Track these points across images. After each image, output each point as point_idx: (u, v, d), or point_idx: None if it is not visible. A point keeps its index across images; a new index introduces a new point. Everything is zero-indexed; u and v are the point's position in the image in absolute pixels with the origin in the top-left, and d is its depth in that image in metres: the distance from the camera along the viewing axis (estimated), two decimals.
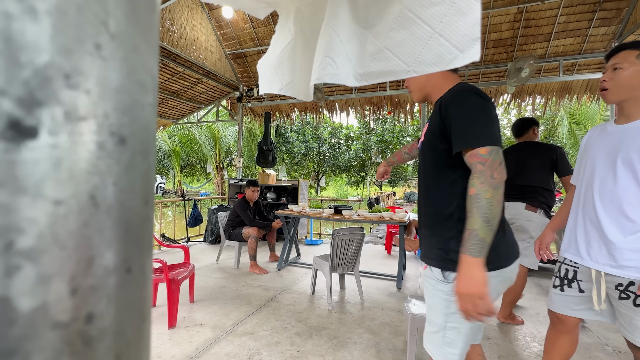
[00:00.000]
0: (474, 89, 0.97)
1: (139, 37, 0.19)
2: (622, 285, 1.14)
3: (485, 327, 2.34)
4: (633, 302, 1.11)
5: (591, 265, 1.22)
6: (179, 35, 4.19)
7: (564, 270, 1.34)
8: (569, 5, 3.76)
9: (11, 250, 0.14)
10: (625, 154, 1.14)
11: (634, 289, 1.11)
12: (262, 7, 1.29)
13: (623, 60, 1.11)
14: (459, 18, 0.75)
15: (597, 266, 1.20)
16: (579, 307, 1.30)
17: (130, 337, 0.19)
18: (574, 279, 1.30)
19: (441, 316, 1.00)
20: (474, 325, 0.99)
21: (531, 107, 5.04)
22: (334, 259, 2.66)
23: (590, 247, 1.22)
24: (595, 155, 1.27)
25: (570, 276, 1.31)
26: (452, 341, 0.99)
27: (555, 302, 1.36)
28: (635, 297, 1.11)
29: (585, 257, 1.24)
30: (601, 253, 1.19)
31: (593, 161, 1.26)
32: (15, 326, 0.14)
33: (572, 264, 1.31)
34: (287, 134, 18.03)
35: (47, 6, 0.15)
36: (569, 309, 1.32)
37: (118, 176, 0.18)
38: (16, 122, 0.14)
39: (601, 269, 1.18)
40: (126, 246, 0.18)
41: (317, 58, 1.00)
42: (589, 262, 1.23)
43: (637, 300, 1.11)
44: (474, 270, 0.83)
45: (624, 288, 1.13)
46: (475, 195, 0.85)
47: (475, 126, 0.90)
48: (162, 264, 2.25)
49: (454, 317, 0.98)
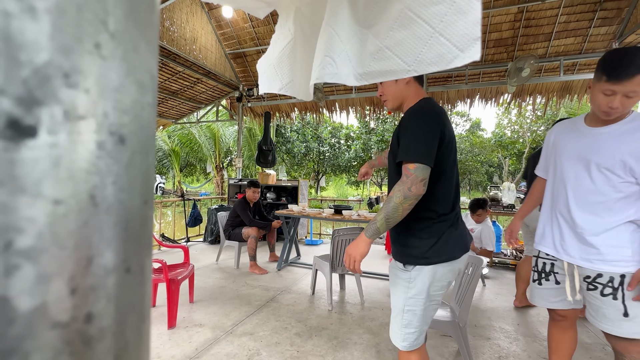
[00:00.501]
0: (427, 110, 1.11)
1: (139, 36, 0.19)
2: (589, 277, 1.25)
3: (485, 327, 2.34)
4: (600, 293, 1.21)
5: (565, 258, 1.31)
6: (179, 34, 4.19)
7: (542, 263, 1.42)
8: (570, 5, 3.75)
9: (10, 250, 0.14)
10: (600, 159, 1.20)
11: (602, 280, 1.21)
12: (262, 6, 1.29)
13: (638, 86, 1.08)
14: (459, 17, 0.75)
15: (570, 259, 1.29)
16: (555, 299, 1.38)
17: (130, 337, 0.19)
18: (550, 272, 1.38)
19: (401, 300, 1.18)
20: (426, 309, 1.16)
21: (532, 107, 5.04)
22: (334, 259, 2.66)
23: (564, 241, 1.31)
24: (567, 153, 1.32)
25: (547, 269, 1.40)
26: (410, 322, 1.17)
27: (535, 295, 1.45)
28: (602, 288, 1.21)
29: (560, 250, 1.33)
30: (574, 247, 1.28)
31: (565, 159, 1.32)
32: (15, 326, 0.14)
33: (548, 257, 1.39)
34: (287, 134, 18.03)
35: (46, 5, 0.15)
36: (547, 301, 1.40)
37: (117, 176, 0.18)
38: (15, 121, 0.14)
39: (574, 262, 1.28)
40: (126, 246, 0.18)
41: (317, 57, 1.00)
42: (563, 256, 1.32)
43: (605, 291, 1.20)
44: (361, 243, 1.12)
45: (592, 280, 1.24)
46: (390, 197, 1.06)
47: (412, 143, 1.06)
48: (161, 264, 2.25)
49: (411, 301, 1.15)
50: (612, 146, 1.18)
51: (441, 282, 1.15)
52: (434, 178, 1.09)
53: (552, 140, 1.42)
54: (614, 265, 1.18)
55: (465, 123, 21.36)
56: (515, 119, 18.47)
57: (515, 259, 4.02)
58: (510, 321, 2.45)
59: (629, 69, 1.07)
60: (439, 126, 1.07)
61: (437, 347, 2.02)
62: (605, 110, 1.16)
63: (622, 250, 1.18)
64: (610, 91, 1.12)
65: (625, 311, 1.17)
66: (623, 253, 1.18)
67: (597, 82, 1.16)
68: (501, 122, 20.24)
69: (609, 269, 1.19)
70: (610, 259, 1.19)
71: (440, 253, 1.11)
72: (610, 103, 1.13)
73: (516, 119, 18.41)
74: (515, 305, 2.72)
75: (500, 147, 19.89)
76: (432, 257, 1.12)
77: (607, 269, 1.19)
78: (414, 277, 1.14)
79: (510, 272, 3.82)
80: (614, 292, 1.19)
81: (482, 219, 3.20)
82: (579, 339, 2.11)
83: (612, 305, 1.19)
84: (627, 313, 1.17)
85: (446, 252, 1.12)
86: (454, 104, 5.14)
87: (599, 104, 1.17)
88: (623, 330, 1.18)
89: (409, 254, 1.15)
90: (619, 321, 1.18)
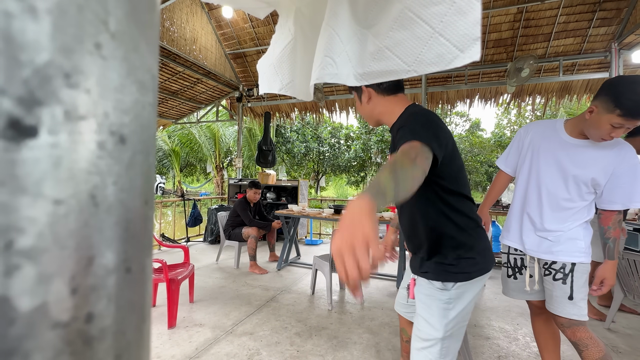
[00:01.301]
0: (423, 110, 1.02)
1: (139, 36, 0.19)
2: (547, 264, 1.39)
3: (485, 326, 2.34)
4: (553, 277, 1.37)
5: (528, 252, 1.45)
6: (179, 35, 4.19)
7: (513, 259, 1.52)
8: (569, 5, 3.76)
9: (11, 250, 0.14)
10: (579, 173, 1.29)
11: (555, 266, 1.36)
12: (262, 6, 1.29)
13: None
14: (459, 18, 0.75)
15: (532, 253, 1.43)
16: (532, 291, 1.48)
17: (130, 337, 0.19)
18: (522, 266, 1.50)
19: (439, 326, 0.99)
20: (461, 330, 1.02)
21: (531, 107, 5.04)
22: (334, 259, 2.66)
23: (527, 237, 1.44)
24: (545, 159, 1.38)
25: (519, 264, 1.51)
26: (448, 349, 1.00)
27: (511, 289, 1.54)
28: (555, 273, 1.36)
29: (527, 247, 1.44)
30: (534, 243, 1.41)
31: (544, 164, 1.38)
32: (15, 326, 0.14)
33: (518, 253, 1.50)
34: (287, 134, 18.02)
35: (47, 5, 0.15)
36: (525, 294, 1.50)
37: (118, 176, 0.18)
38: (16, 121, 0.14)
39: (535, 255, 1.42)
40: (126, 246, 0.18)
41: (317, 58, 1.00)
42: (527, 251, 1.45)
43: (557, 276, 1.35)
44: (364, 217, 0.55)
45: (548, 266, 1.38)
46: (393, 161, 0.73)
47: (417, 126, 0.90)
48: (162, 264, 2.25)
49: (451, 324, 0.99)
50: (590, 162, 1.28)
51: (475, 298, 1.02)
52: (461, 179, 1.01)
53: (528, 140, 1.45)
54: (569, 256, 1.34)
55: (464, 123, 21.36)
56: (515, 119, 18.49)
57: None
58: (509, 321, 2.45)
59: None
60: (443, 124, 0.97)
61: None
62: (606, 138, 1.19)
63: (577, 242, 1.33)
64: (620, 124, 1.12)
65: (570, 294, 1.32)
66: (577, 245, 1.33)
67: (607, 113, 1.13)
68: (501, 122, 20.25)
69: (564, 259, 1.34)
70: (567, 250, 1.34)
71: (475, 262, 0.99)
72: (614, 133, 1.15)
73: (516, 119, 18.42)
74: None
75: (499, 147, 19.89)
76: (472, 271, 0.99)
77: (563, 259, 1.34)
78: (456, 296, 0.98)
79: None
80: (564, 277, 1.34)
81: None
82: None
83: (560, 288, 1.34)
84: (572, 297, 1.32)
85: (484, 262, 1.01)
86: (453, 104, 5.14)
87: (603, 132, 1.17)
88: (566, 312, 1.32)
89: (449, 270, 1.00)
90: (564, 304, 1.33)
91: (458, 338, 1.02)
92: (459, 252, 1.00)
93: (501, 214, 4.30)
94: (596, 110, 1.18)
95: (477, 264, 1.00)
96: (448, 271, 1.00)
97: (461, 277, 0.99)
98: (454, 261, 0.99)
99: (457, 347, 1.03)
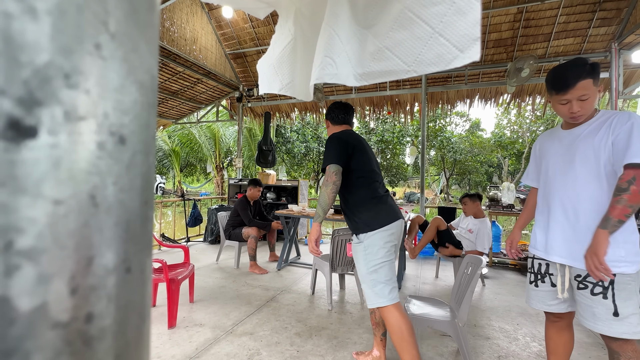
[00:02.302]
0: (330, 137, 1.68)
1: (139, 36, 0.19)
2: (580, 276, 1.26)
3: (485, 326, 2.34)
4: (590, 292, 1.23)
5: (556, 260, 1.34)
6: (179, 35, 4.19)
7: (537, 264, 1.44)
8: (569, 5, 3.76)
9: (11, 250, 0.14)
10: (580, 154, 1.29)
11: (592, 279, 1.22)
12: (262, 7, 1.29)
13: (585, 90, 1.24)
14: (459, 18, 0.75)
15: (561, 259, 1.32)
16: (552, 302, 1.39)
17: (130, 337, 0.19)
18: (546, 273, 1.40)
19: (363, 266, 1.58)
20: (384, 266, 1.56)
21: (531, 107, 5.04)
22: (333, 259, 2.66)
23: (554, 242, 1.35)
24: (552, 157, 1.41)
25: (542, 270, 1.42)
26: (376, 280, 1.56)
27: (532, 298, 1.46)
28: (592, 287, 1.23)
29: (550, 252, 1.36)
30: (563, 248, 1.31)
31: (551, 161, 1.41)
32: (15, 326, 0.14)
33: (542, 258, 1.41)
34: (287, 134, 18.02)
35: (47, 6, 0.15)
36: (544, 304, 1.41)
37: (118, 176, 0.18)
38: (16, 122, 0.14)
39: (565, 262, 1.31)
40: (126, 246, 0.18)
41: (317, 58, 1.00)
42: (553, 257, 1.35)
43: (595, 290, 1.22)
44: (314, 227, 1.64)
45: (582, 279, 1.26)
46: (319, 190, 1.65)
47: (326, 154, 1.63)
48: (162, 264, 2.25)
49: (370, 263, 1.56)
50: (587, 142, 1.28)
51: (387, 243, 1.58)
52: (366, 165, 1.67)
53: (537, 149, 1.52)
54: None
55: (464, 123, 21.33)
56: (515, 119, 18.48)
57: (514, 259, 4.02)
58: (509, 321, 2.45)
59: (568, 80, 1.24)
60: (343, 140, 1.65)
61: (436, 347, 2.02)
62: (569, 116, 1.31)
63: (615, 251, 1.18)
64: (565, 100, 1.28)
65: (615, 310, 1.17)
66: (616, 253, 1.18)
67: (552, 97, 1.33)
68: (501, 122, 20.23)
69: None
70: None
71: (370, 224, 1.58)
72: (569, 110, 1.29)
73: (515, 119, 18.41)
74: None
75: (499, 147, 19.88)
76: (372, 224, 1.58)
77: None
78: (367, 244, 1.57)
79: (510, 272, 3.82)
80: (604, 291, 1.19)
81: (470, 212, 3.20)
82: (579, 338, 2.11)
83: (602, 304, 1.19)
84: (617, 312, 1.17)
85: (376, 222, 1.58)
86: (453, 104, 5.14)
87: (562, 113, 1.33)
88: (613, 330, 1.17)
89: (357, 227, 1.62)
90: (609, 321, 1.18)
91: (384, 272, 1.55)
92: (359, 215, 1.62)
93: (501, 214, 4.30)
94: (550, 101, 1.37)
95: (374, 220, 1.58)
96: (357, 228, 1.63)
97: (366, 229, 1.58)
98: (358, 220, 1.62)
99: (386, 278, 1.55)
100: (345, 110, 1.82)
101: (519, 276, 3.68)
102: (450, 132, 19.43)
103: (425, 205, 4.82)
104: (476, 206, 3.17)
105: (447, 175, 20.65)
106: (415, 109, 5.42)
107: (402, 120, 5.49)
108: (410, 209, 4.66)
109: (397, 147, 19.30)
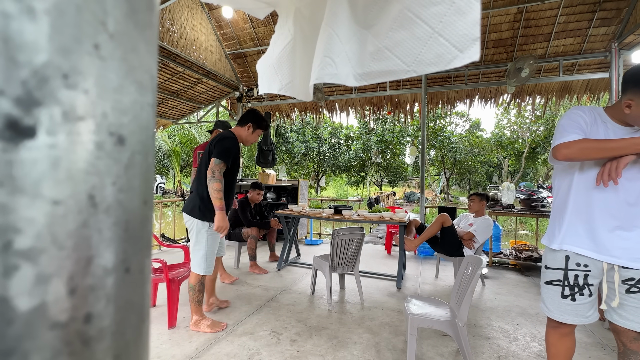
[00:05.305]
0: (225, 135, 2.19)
1: (138, 36, 0.19)
2: (633, 280, 1.15)
3: (485, 326, 2.34)
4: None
5: (604, 259, 1.20)
6: (179, 35, 4.19)
7: (573, 276, 1.27)
8: (569, 5, 3.76)
9: (9, 250, 0.14)
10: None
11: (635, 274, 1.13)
12: (262, 7, 1.29)
13: None
14: (458, 18, 0.75)
15: (612, 259, 1.18)
16: (589, 313, 1.27)
17: (129, 337, 0.19)
18: (585, 285, 1.25)
19: (194, 241, 2.14)
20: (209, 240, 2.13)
21: (531, 107, 5.05)
22: (333, 259, 2.66)
23: (604, 239, 1.20)
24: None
25: (581, 282, 1.25)
26: (198, 251, 2.13)
27: (566, 313, 1.28)
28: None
29: (602, 251, 1.21)
30: (615, 246, 1.18)
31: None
32: (14, 326, 0.14)
33: (582, 269, 1.25)
34: (287, 134, 18.03)
35: (45, 6, 0.15)
36: (582, 317, 1.27)
37: (117, 176, 0.18)
38: (14, 122, 0.14)
39: (618, 263, 1.17)
40: (125, 246, 0.18)
41: (316, 58, 1.00)
42: (600, 256, 1.20)
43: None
44: (218, 214, 2.09)
45: (635, 282, 1.15)
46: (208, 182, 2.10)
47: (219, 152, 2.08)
48: (162, 264, 2.25)
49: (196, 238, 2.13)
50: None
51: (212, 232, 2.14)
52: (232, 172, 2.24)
53: (584, 123, 1.27)
54: None
55: (464, 123, 21.34)
56: (515, 119, 18.48)
57: (514, 259, 4.02)
58: (509, 321, 2.45)
59: None
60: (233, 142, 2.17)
61: (436, 347, 2.02)
62: None
63: None
64: None
65: None
66: None
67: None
68: (500, 122, 20.24)
69: None
70: None
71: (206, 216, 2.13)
72: None
73: (515, 119, 18.42)
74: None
75: (499, 147, 19.89)
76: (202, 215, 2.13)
77: None
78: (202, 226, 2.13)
79: (510, 272, 3.82)
80: None
81: (474, 209, 3.28)
82: (578, 338, 2.11)
83: None
84: None
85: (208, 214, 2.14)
86: (453, 104, 5.14)
87: None
88: None
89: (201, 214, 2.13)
90: None
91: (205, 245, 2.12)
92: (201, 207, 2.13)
93: (501, 214, 4.30)
94: (634, 104, 1.14)
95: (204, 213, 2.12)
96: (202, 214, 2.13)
97: (200, 217, 2.11)
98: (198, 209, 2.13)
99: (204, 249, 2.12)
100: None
101: (519, 276, 3.68)
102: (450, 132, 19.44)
103: (425, 205, 4.82)
104: (481, 205, 3.25)
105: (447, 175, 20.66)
106: (415, 109, 5.43)
107: (402, 120, 5.50)
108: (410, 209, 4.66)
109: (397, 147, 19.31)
